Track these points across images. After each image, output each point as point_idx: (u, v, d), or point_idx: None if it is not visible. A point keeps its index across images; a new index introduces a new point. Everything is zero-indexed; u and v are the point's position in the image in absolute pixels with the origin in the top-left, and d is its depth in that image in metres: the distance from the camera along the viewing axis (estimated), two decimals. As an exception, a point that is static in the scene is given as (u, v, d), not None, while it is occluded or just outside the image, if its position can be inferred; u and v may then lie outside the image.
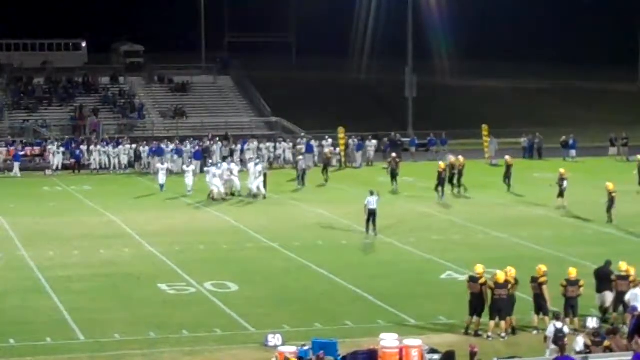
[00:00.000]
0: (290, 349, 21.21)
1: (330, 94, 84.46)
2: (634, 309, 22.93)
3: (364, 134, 65.29)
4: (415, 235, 37.53)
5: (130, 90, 73.11)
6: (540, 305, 24.84)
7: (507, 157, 50.23)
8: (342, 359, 21.55)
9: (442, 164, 47.41)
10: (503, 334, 24.50)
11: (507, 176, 48.51)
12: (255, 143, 60.90)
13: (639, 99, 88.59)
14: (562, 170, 44.27)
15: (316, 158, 59.96)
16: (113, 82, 74.59)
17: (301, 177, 50.93)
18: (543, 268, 25.15)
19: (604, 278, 25.65)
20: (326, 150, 58.03)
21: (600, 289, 25.68)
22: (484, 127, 63.40)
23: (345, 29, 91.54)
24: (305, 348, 21.70)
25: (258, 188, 46.88)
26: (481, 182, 50.13)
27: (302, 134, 65.78)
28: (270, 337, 23.93)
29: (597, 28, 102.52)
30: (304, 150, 59.78)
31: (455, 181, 47.64)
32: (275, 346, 22.98)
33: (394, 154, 51.70)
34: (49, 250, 35.23)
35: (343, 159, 61.98)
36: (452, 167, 47.70)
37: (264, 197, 46.67)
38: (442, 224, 40.37)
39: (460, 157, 49.19)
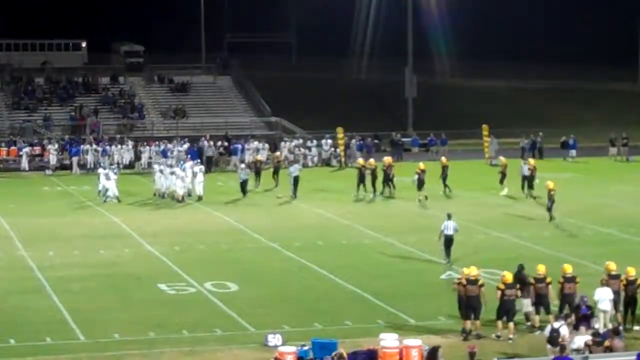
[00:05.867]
0: (290, 349, 21.22)
1: (330, 94, 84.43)
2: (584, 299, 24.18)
3: (365, 133, 65.42)
4: (415, 235, 37.51)
5: (130, 90, 73.04)
6: (543, 304, 24.84)
7: (442, 158, 50.38)
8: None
9: (360, 161, 48.70)
10: (511, 336, 24.43)
11: (444, 177, 48.43)
12: (256, 143, 60.88)
13: (639, 99, 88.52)
14: (421, 165, 46.00)
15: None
16: (113, 82, 74.52)
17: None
18: (543, 268, 25.20)
19: (523, 283, 25.40)
20: (277, 153, 57.70)
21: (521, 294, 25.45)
22: (484, 127, 63.40)
23: (345, 29, 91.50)
24: (305, 348, 21.73)
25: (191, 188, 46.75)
26: (481, 182, 50.13)
27: (297, 134, 65.93)
28: (270, 337, 23.94)
29: (597, 28, 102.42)
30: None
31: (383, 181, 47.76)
32: (275, 346, 23.00)
33: (360, 159, 51.61)
34: (49, 250, 35.23)
35: (342, 159, 62.01)
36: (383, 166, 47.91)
37: (199, 199, 46.20)
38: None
39: (388, 158, 49.20)
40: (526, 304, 25.26)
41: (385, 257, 34.37)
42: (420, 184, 45.56)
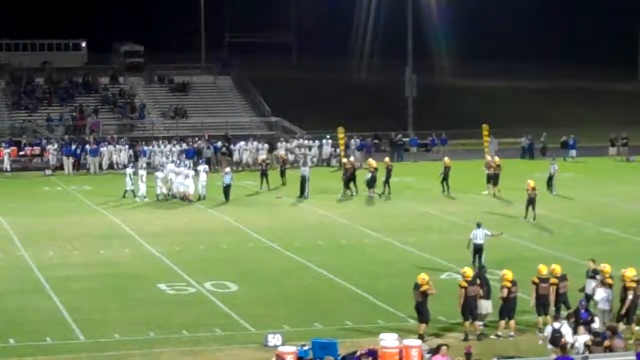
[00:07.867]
0: (290, 349, 21.21)
1: (330, 94, 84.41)
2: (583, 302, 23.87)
3: (365, 133, 65.42)
4: (415, 235, 37.53)
5: (130, 90, 73.06)
6: (545, 305, 24.82)
7: (446, 158, 50.37)
8: (342, 359, 21.55)
9: (346, 161, 50.63)
10: (512, 333, 24.51)
11: (445, 178, 48.49)
12: (242, 143, 60.66)
13: (639, 99, 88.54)
14: (373, 164, 47.57)
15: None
16: (113, 82, 74.53)
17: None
18: (545, 268, 25.21)
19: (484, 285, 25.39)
20: (281, 152, 57.66)
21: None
22: (484, 127, 63.37)
23: (345, 29, 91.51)
24: (305, 348, 21.72)
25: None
26: (481, 182, 50.03)
27: (297, 134, 65.99)
28: (270, 337, 23.94)
29: (597, 28, 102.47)
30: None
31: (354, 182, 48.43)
32: (275, 346, 22.99)
33: (351, 158, 51.71)
34: (49, 250, 35.23)
35: (343, 159, 61.97)
36: (351, 167, 48.72)
37: (199, 198, 46.32)
38: (442, 224, 40.37)
39: (371, 161, 49.40)
40: (485, 307, 25.17)
41: (385, 257, 34.37)
42: (372, 181, 46.87)
